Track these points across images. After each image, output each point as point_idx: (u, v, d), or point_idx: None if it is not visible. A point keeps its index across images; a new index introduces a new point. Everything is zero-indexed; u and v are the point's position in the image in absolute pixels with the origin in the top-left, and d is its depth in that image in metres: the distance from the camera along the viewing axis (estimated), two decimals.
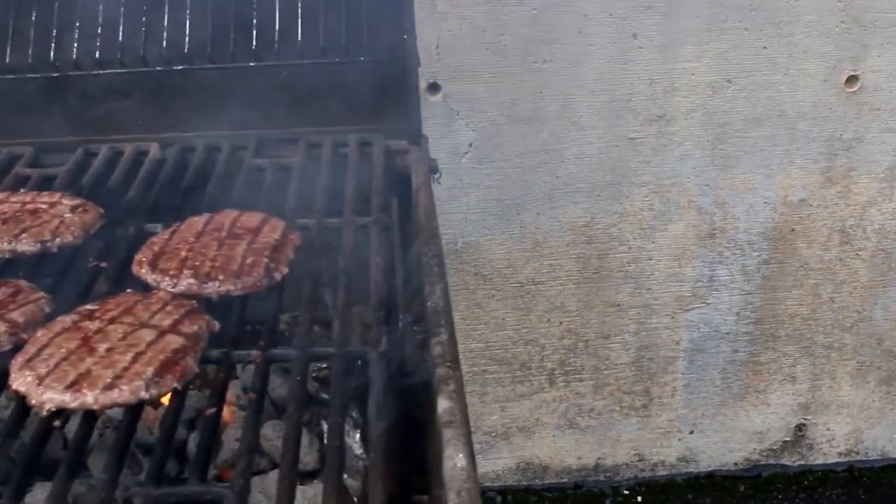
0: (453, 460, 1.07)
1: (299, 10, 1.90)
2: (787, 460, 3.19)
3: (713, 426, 3.14)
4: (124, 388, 1.09)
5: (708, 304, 2.99)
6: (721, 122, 2.78)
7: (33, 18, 1.91)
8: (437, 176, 1.69)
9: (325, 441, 1.07)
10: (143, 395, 1.10)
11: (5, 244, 1.39)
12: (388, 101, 1.81)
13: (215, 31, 1.89)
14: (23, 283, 1.31)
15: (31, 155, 1.71)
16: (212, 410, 1.11)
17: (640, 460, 3.16)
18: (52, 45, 1.90)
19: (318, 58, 1.89)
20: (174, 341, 1.16)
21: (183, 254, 1.34)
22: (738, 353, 3.05)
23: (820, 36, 2.70)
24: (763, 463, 3.19)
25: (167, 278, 1.30)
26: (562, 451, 3.13)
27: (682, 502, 3.11)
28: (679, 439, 3.14)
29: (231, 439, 1.50)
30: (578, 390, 3.04)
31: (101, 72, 1.91)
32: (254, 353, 1.19)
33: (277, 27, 1.89)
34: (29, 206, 1.48)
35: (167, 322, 1.20)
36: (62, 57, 1.90)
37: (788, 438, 3.17)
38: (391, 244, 1.46)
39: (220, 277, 1.29)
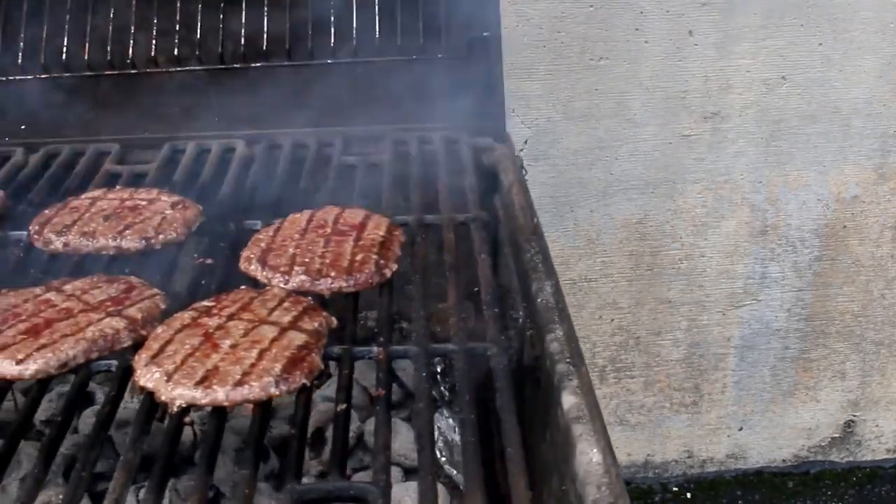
0: (587, 455, 1.07)
1: (377, 7, 1.90)
2: (835, 457, 3.19)
3: (762, 423, 3.14)
4: (254, 384, 1.09)
5: (759, 300, 2.98)
6: (775, 119, 2.78)
7: (111, 16, 1.92)
8: (524, 173, 1.69)
9: (460, 436, 1.07)
10: (273, 391, 1.10)
11: (110, 241, 1.40)
12: (469, 97, 1.81)
13: (293, 28, 1.89)
14: (134, 279, 1.32)
15: (118, 152, 1.72)
16: (343, 407, 1.11)
17: (689, 457, 3.16)
18: (131, 42, 1.90)
19: (396, 55, 1.89)
20: (297, 338, 1.17)
21: (291, 251, 1.35)
22: (789, 349, 3.05)
23: (875, 32, 2.70)
24: (812, 459, 3.19)
25: (278, 275, 1.30)
26: None
27: (730, 499, 3.11)
28: (728, 436, 3.14)
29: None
30: (629, 387, 3.05)
31: (178, 69, 1.91)
32: (375, 349, 1.19)
33: (355, 24, 1.89)
34: (128, 203, 1.48)
35: (287, 319, 1.20)
36: (140, 54, 1.91)
37: (837, 435, 3.17)
38: (493, 241, 1.46)
39: (332, 274, 1.29)
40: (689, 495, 3.12)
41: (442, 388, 1.49)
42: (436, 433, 1.40)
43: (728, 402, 3.10)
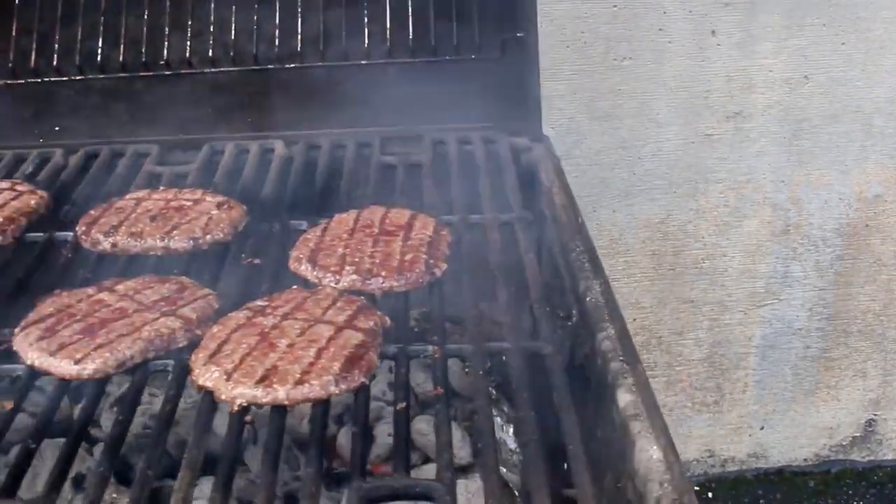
0: (647, 452, 1.08)
1: (409, 9, 1.91)
2: (856, 456, 3.19)
3: (783, 422, 3.14)
4: (314, 383, 1.10)
5: (781, 300, 2.99)
6: (797, 119, 2.79)
7: (145, 17, 1.92)
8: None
9: (520, 435, 1.07)
10: (333, 389, 1.11)
11: (158, 241, 1.40)
12: (505, 98, 1.82)
13: (327, 30, 1.90)
14: (185, 279, 1.33)
15: (158, 152, 1.72)
16: (402, 405, 1.11)
17: (710, 456, 3.16)
18: (166, 43, 1.91)
19: (430, 55, 1.90)
20: (354, 337, 1.17)
21: (340, 250, 1.35)
22: (810, 349, 3.05)
23: None
24: (833, 459, 3.19)
25: (329, 275, 1.31)
26: None
27: (752, 498, 3.11)
28: (749, 435, 3.15)
29: (384, 434, 1.51)
30: (651, 386, 3.04)
31: (212, 70, 1.92)
32: (431, 348, 1.20)
33: (388, 25, 1.90)
34: (173, 204, 1.49)
35: (342, 318, 1.21)
36: (175, 55, 1.92)
37: (858, 434, 3.17)
38: (537, 240, 1.47)
39: (383, 274, 1.30)
40: (710, 494, 3.12)
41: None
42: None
43: (749, 402, 3.10)
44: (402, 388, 1.14)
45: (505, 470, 1.39)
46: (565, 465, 1.08)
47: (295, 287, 1.30)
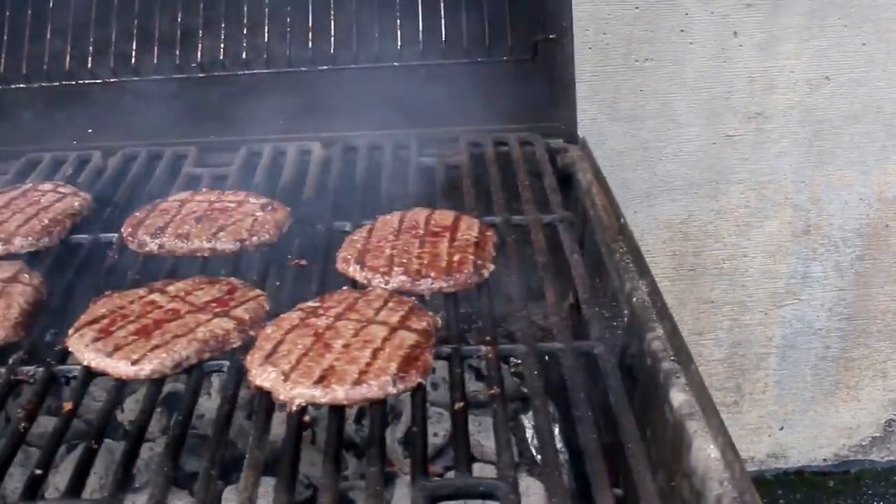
0: (705, 451, 1.09)
1: (442, 11, 1.92)
2: (876, 456, 3.20)
3: (803, 422, 3.15)
4: (372, 383, 1.11)
5: (801, 300, 3.00)
6: (818, 119, 2.79)
7: (178, 20, 1.93)
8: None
9: (580, 434, 1.08)
10: (391, 389, 1.12)
11: (204, 243, 1.41)
12: (539, 99, 1.82)
13: (360, 32, 1.91)
14: (235, 280, 1.33)
15: (196, 154, 1.73)
16: (460, 405, 1.12)
17: None
18: (199, 46, 1.92)
19: (461, 57, 1.91)
20: (408, 337, 1.18)
21: (388, 251, 1.36)
22: (830, 349, 3.06)
23: None
24: (852, 459, 3.20)
25: (378, 276, 1.32)
26: None
27: (771, 498, 3.12)
28: (769, 435, 3.15)
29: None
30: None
31: (246, 72, 1.93)
32: (484, 348, 1.20)
33: (421, 28, 1.91)
34: (217, 206, 1.50)
35: (395, 319, 1.22)
36: (207, 58, 1.92)
37: (878, 434, 3.18)
38: (581, 241, 1.48)
39: (432, 275, 1.30)
40: None
41: None
42: (530, 432, 1.41)
43: (769, 402, 3.11)
44: (459, 389, 1.14)
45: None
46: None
47: (345, 288, 1.30)
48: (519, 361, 1.28)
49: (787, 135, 2.80)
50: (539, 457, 1.38)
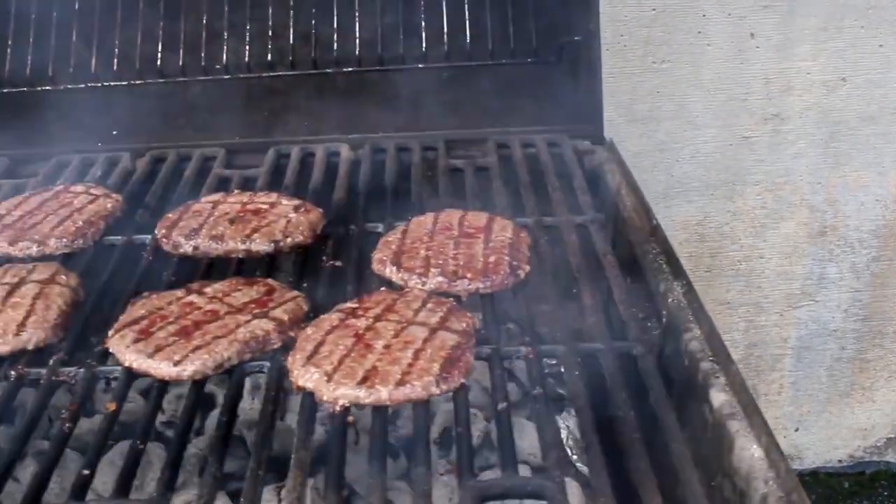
0: (748, 451, 1.10)
1: (466, 13, 1.92)
2: (891, 457, 3.20)
3: (818, 423, 3.15)
4: (416, 384, 1.11)
5: (817, 301, 3.00)
6: (835, 121, 2.80)
7: (204, 22, 1.94)
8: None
9: (618, 434, 1.08)
10: (434, 390, 1.12)
11: (239, 244, 1.41)
12: (565, 101, 1.83)
13: (384, 34, 1.91)
14: (272, 281, 1.34)
15: (224, 156, 1.73)
16: (503, 405, 1.12)
17: None
18: (225, 48, 1.92)
19: (486, 59, 1.91)
20: (449, 338, 1.18)
21: (423, 252, 1.36)
22: (846, 350, 3.06)
23: None
24: (867, 460, 3.20)
25: (415, 277, 1.32)
26: None
27: None
28: (784, 436, 3.15)
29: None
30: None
31: (271, 74, 1.93)
32: (524, 349, 1.21)
33: (446, 29, 1.91)
34: (249, 207, 1.50)
35: (434, 320, 1.22)
36: (232, 60, 1.93)
37: (893, 435, 3.18)
38: (613, 242, 1.48)
39: (469, 276, 1.31)
40: None
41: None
42: (564, 432, 1.42)
43: (784, 403, 3.11)
44: (501, 389, 1.15)
45: (588, 469, 1.39)
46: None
47: (383, 289, 1.31)
48: (553, 362, 1.29)
49: (803, 136, 2.81)
50: (575, 457, 1.39)
